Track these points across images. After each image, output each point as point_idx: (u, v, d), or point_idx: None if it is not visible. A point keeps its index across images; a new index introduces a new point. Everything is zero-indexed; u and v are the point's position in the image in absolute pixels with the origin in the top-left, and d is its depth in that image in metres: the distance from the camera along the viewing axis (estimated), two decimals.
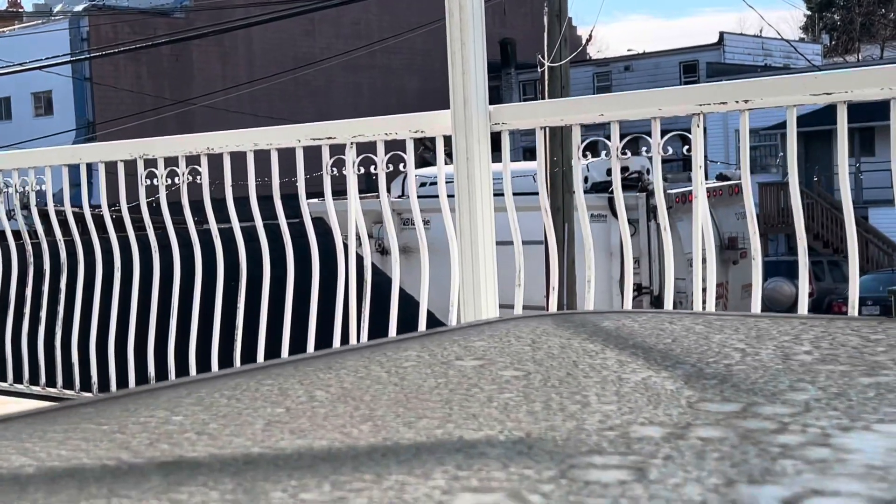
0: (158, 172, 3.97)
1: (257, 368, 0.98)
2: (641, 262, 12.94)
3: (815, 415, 0.73)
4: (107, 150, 4.31)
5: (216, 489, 0.59)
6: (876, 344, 1.01)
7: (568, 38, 11.88)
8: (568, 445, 0.67)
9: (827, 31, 47.41)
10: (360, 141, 3.56)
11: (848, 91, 2.65)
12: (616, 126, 3.05)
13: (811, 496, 0.56)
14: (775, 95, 2.78)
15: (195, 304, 4.03)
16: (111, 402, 0.85)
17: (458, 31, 3.20)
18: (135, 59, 29.98)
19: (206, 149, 3.88)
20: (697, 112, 2.88)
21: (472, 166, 3.22)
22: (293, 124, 4.30)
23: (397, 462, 0.65)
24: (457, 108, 3.22)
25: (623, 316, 1.30)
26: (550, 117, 3.19)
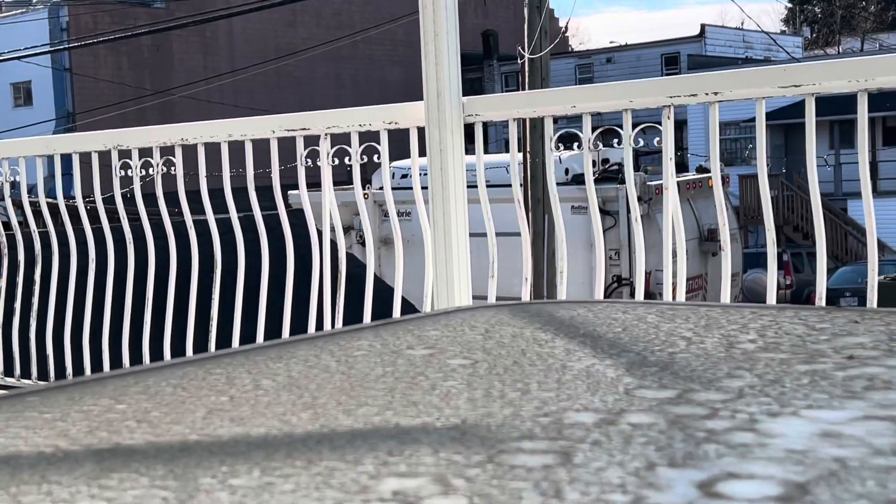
0: (133, 163, 3.96)
1: (208, 358, 0.99)
2: (621, 253, 12.99)
3: (747, 401, 0.74)
4: (80, 141, 4.29)
5: (147, 475, 0.60)
6: (820, 333, 1.03)
7: (548, 30, 11.89)
8: (501, 431, 0.69)
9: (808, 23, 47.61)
10: (335, 132, 3.56)
11: (816, 83, 2.67)
12: (588, 118, 3.07)
13: (726, 479, 0.57)
14: (744, 88, 2.80)
15: (170, 295, 4.03)
16: (57, 390, 0.86)
17: (432, 23, 3.20)
18: (115, 50, 29.81)
19: (181, 139, 3.87)
20: (668, 104, 2.90)
21: (445, 158, 3.23)
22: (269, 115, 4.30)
23: (331, 448, 0.66)
24: (430, 100, 3.22)
25: (578, 305, 1.31)
26: (523, 109, 3.20)
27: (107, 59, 30.08)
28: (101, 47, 27.82)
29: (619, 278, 13.02)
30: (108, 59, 30.13)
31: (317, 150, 3.61)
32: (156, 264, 4.07)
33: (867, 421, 0.68)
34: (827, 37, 45.89)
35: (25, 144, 4.46)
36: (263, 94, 31.27)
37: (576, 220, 10.05)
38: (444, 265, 3.28)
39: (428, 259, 3.32)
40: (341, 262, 3.69)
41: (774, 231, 2.94)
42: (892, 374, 0.82)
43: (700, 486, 0.56)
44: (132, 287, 4.11)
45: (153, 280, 4.06)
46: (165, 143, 3.90)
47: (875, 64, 2.66)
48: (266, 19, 31.15)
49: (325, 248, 3.69)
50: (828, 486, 0.55)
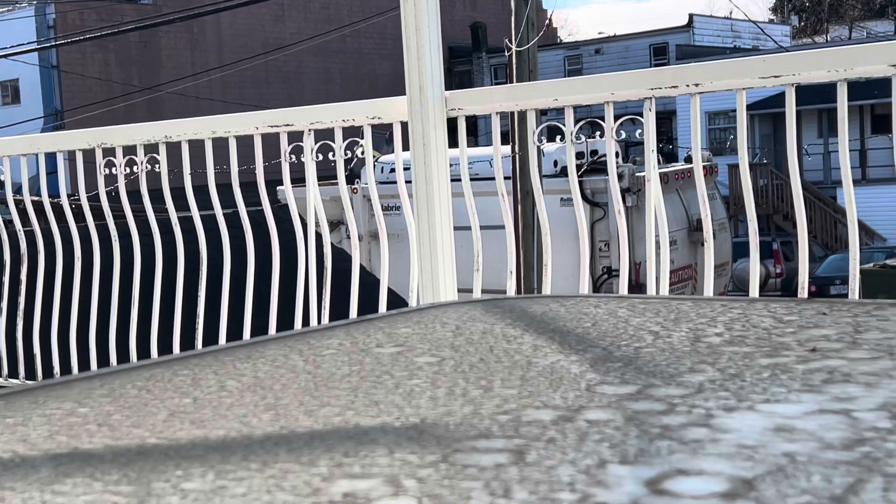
0: (117, 161, 3.95)
1: (175, 359, 0.99)
2: (611, 244, 13.00)
3: (705, 396, 0.75)
4: (64, 140, 4.28)
5: (101, 480, 0.60)
6: (787, 325, 1.03)
7: (535, 22, 11.88)
8: (458, 430, 0.69)
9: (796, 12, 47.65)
10: (318, 128, 3.56)
11: (796, 73, 2.68)
12: (570, 111, 3.07)
13: (675, 476, 0.57)
14: (725, 79, 2.80)
15: (156, 293, 4.03)
16: (22, 394, 0.85)
17: (413, 17, 3.20)
18: (102, 47, 29.69)
19: (165, 137, 3.86)
20: (649, 96, 2.90)
21: (428, 152, 3.23)
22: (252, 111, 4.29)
23: (287, 450, 0.66)
24: (413, 95, 3.22)
25: (552, 300, 1.32)
26: (505, 102, 3.20)
27: (94, 56, 29.97)
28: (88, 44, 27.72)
29: (610, 269, 13.04)
30: (96, 56, 30.02)
31: (301, 145, 3.61)
32: (142, 262, 4.07)
33: (821, 415, 0.68)
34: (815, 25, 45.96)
35: (9, 143, 4.45)
36: (252, 89, 31.20)
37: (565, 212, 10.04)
38: (428, 259, 3.28)
39: (413, 253, 3.32)
40: (326, 258, 3.69)
41: (756, 222, 2.94)
42: (852, 367, 0.82)
43: (648, 483, 0.56)
44: (118, 285, 4.11)
45: (139, 278, 4.06)
46: (149, 140, 3.89)
47: (854, 53, 2.67)
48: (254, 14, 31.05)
49: (310, 244, 3.69)
50: (774, 481, 0.55)
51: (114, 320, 4.12)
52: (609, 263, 13.03)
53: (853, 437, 0.63)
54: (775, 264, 21.19)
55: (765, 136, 27.57)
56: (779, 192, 24.64)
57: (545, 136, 3.98)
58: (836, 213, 23.62)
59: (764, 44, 31.22)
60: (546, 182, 11.64)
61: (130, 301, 4.06)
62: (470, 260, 3.36)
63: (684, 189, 13.36)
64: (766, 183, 25.23)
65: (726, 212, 16.01)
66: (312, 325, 3.63)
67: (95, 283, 4.18)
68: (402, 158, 3.42)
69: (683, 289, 13.22)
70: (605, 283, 13.08)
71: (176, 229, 3.95)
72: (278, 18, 33.18)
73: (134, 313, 4.06)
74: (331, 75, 34.54)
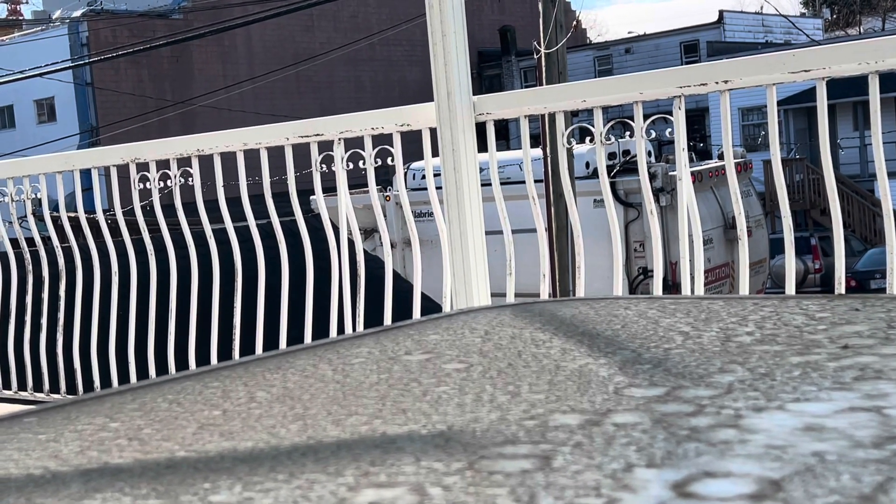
0: (150, 176, 3.99)
1: (206, 371, 0.99)
2: (646, 245, 12.93)
3: (734, 396, 0.74)
4: (98, 156, 4.33)
5: (130, 494, 0.61)
6: (819, 322, 1.02)
7: (563, 24, 11.86)
8: (485, 437, 0.69)
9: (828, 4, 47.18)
10: (348, 136, 3.58)
11: (826, 67, 2.65)
12: (599, 112, 3.06)
13: (702, 478, 0.57)
14: (754, 75, 2.78)
15: (192, 305, 4.06)
16: (55, 410, 0.86)
17: (439, 22, 3.21)
18: (135, 62, 30.01)
19: (197, 150, 3.90)
20: (679, 94, 2.89)
21: (457, 157, 3.23)
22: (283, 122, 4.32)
23: (315, 460, 0.66)
24: (441, 101, 3.23)
25: (581, 303, 1.31)
26: (533, 105, 3.20)
27: (127, 72, 30.31)
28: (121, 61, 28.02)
29: (646, 270, 12.96)
30: (129, 72, 30.36)
31: (332, 154, 3.62)
32: (178, 274, 4.10)
33: (852, 413, 0.68)
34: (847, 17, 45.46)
35: (45, 161, 4.51)
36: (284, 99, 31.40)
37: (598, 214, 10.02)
38: (461, 264, 3.28)
39: (445, 259, 3.32)
40: (360, 266, 3.70)
41: (791, 218, 2.92)
42: (884, 363, 0.81)
43: (674, 486, 0.56)
44: (155, 298, 4.15)
45: (176, 290, 4.10)
46: (182, 154, 3.93)
47: (886, 45, 2.64)
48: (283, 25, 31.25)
49: (343, 251, 3.70)
50: (802, 481, 0.55)
51: (151, 333, 4.16)
52: (645, 264, 12.96)
53: (884, 435, 0.62)
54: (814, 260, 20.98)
55: (799, 131, 27.31)
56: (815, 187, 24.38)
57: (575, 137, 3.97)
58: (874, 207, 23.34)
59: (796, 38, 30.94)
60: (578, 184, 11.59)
61: (168, 314, 4.10)
62: (502, 264, 3.36)
63: (718, 187, 13.26)
64: (802, 178, 24.99)
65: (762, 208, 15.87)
66: (347, 333, 3.64)
67: (133, 297, 4.22)
68: (431, 165, 3.42)
69: (721, 287, 13.12)
70: (642, 283, 13.01)
71: (210, 241, 3.98)
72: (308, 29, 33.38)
73: (171, 326, 4.09)
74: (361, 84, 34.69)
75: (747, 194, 14.72)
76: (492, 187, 3.29)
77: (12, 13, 38.90)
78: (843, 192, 24.22)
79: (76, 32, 29.94)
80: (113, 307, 4.27)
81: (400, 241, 12.48)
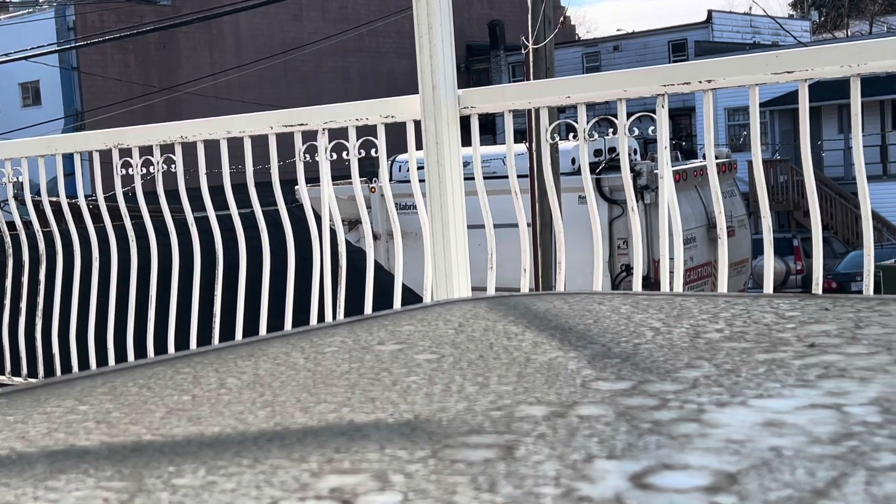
0: (133, 162, 3.98)
1: (178, 357, 0.99)
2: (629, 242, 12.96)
3: (699, 391, 0.75)
4: (82, 141, 4.31)
5: (94, 476, 0.61)
6: (788, 321, 1.03)
7: (552, 20, 11.86)
8: (451, 426, 0.69)
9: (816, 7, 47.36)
10: (332, 127, 3.57)
11: (808, 69, 2.67)
12: (583, 108, 3.07)
13: (660, 470, 0.57)
14: (737, 75, 2.79)
15: (173, 292, 4.05)
16: (24, 392, 0.87)
17: (426, 15, 3.21)
18: (122, 48, 29.86)
19: (180, 137, 3.88)
20: (662, 93, 2.89)
21: (441, 151, 3.23)
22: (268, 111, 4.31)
23: (280, 446, 0.67)
24: (425, 93, 3.23)
25: (556, 297, 1.32)
26: (518, 100, 3.20)
27: (114, 58, 30.14)
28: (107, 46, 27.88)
29: (629, 267, 13.00)
30: (116, 58, 30.19)
31: (315, 145, 3.62)
32: (158, 261, 4.09)
33: (812, 409, 0.68)
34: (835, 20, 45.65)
35: (27, 145, 4.49)
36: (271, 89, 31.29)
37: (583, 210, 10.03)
38: (442, 257, 3.29)
39: (427, 251, 3.33)
40: (341, 256, 3.71)
41: (770, 218, 2.94)
42: (848, 362, 0.82)
43: (632, 477, 0.56)
44: (135, 284, 4.13)
45: (156, 277, 4.08)
46: (165, 141, 3.92)
47: (867, 48, 2.65)
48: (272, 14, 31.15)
49: (324, 242, 3.70)
50: (757, 475, 0.55)
51: (131, 320, 4.15)
52: (627, 261, 12.99)
53: (842, 432, 0.63)
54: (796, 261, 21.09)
55: (785, 132, 27.42)
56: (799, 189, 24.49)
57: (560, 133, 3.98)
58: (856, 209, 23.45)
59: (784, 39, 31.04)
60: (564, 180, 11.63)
61: (147, 300, 4.08)
62: (484, 258, 3.37)
63: (703, 186, 13.30)
64: (787, 179, 25.10)
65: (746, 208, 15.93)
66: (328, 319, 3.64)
67: (113, 283, 4.21)
68: (415, 157, 3.42)
69: (703, 286, 13.17)
70: (624, 280, 13.04)
71: (192, 229, 3.97)
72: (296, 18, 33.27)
73: (151, 312, 4.08)
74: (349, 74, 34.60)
75: (731, 194, 14.78)
76: (474, 181, 3.29)
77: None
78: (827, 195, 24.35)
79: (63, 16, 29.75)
80: (93, 293, 4.26)
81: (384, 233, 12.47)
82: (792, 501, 0.51)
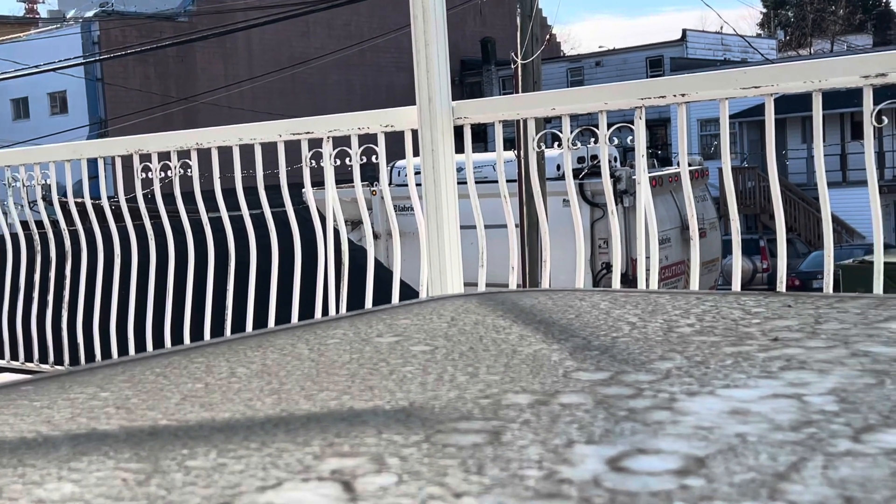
0: (152, 166, 3.97)
1: (192, 347, 0.99)
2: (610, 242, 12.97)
3: (671, 381, 0.75)
4: (104, 146, 4.30)
5: (114, 458, 0.61)
6: (754, 317, 1.03)
7: (539, 37, 11.85)
8: (443, 413, 0.69)
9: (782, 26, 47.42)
10: (336, 135, 3.57)
11: (774, 84, 2.67)
12: (567, 119, 3.07)
13: (635, 454, 0.58)
14: (709, 89, 2.79)
15: (188, 287, 4.04)
16: (50, 380, 0.86)
17: (422, 33, 3.20)
18: (142, 61, 29.78)
19: (196, 144, 3.88)
20: (640, 105, 2.90)
21: (436, 158, 3.23)
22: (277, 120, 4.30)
23: (286, 431, 0.66)
24: (422, 105, 3.23)
25: (541, 294, 1.32)
26: (507, 112, 3.20)
27: (135, 70, 30.07)
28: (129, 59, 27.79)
29: (608, 265, 13.01)
30: (137, 70, 30.12)
31: (321, 151, 3.62)
32: (176, 258, 4.09)
33: (775, 399, 0.69)
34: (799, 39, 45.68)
35: (55, 150, 4.47)
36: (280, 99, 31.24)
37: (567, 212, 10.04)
38: (437, 256, 3.28)
39: (423, 250, 3.32)
40: (344, 254, 3.70)
41: (738, 221, 2.94)
42: (808, 355, 0.82)
43: (609, 461, 0.56)
44: (154, 279, 4.13)
45: (173, 273, 4.08)
46: (182, 147, 3.91)
47: (828, 65, 2.66)
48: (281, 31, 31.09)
49: (329, 241, 3.70)
50: (724, 459, 0.56)
51: (150, 311, 4.15)
52: (608, 259, 13.00)
53: (802, 419, 0.63)
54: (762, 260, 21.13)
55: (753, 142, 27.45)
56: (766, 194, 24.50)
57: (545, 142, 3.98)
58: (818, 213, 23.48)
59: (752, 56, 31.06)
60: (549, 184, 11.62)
61: (165, 293, 4.08)
62: (476, 257, 3.36)
63: (677, 191, 13.30)
64: (754, 185, 25.13)
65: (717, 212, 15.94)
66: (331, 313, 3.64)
67: (133, 278, 4.20)
68: (412, 163, 3.42)
69: (677, 283, 13.19)
70: (605, 277, 13.05)
71: (207, 229, 3.97)
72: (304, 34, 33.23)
73: (168, 305, 4.08)
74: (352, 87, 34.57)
75: (703, 199, 14.79)
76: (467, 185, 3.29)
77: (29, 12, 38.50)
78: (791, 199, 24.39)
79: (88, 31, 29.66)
80: (114, 287, 4.25)
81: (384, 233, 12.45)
82: (755, 484, 0.51)
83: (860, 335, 0.90)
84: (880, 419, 0.62)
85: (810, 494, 0.50)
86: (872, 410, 0.64)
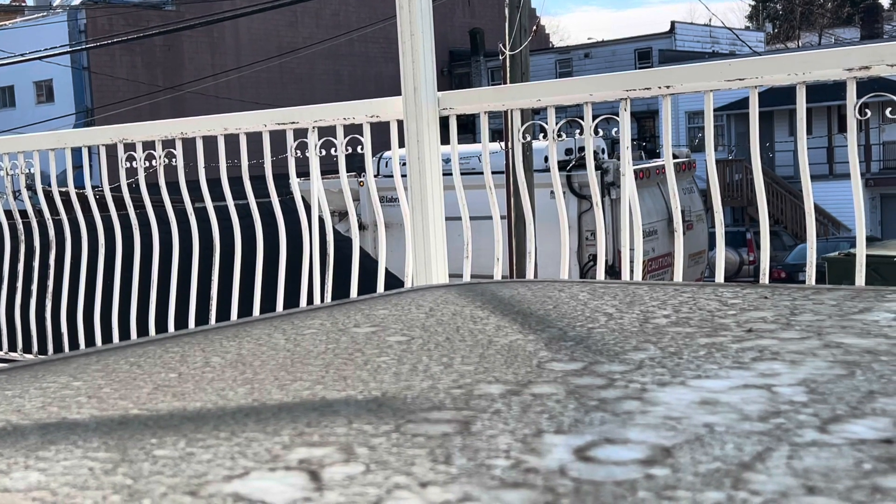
0: (137, 156, 3.95)
1: (168, 337, 0.99)
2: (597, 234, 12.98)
3: (643, 372, 0.75)
4: (89, 135, 4.28)
5: (82, 447, 0.61)
6: (730, 308, 1.04)
7: (527, 28, 11.84)
8: (414, 403, 0.69)
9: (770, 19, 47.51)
10: (322, 125, 3.56)
11: (758, 77, 2.67)
12: (552, 110, 3.07)
13: (602, 444, 0.58)
14: (693, 81, 2.79)
15: (173, 276, 4.03)
16: (23, 369, 0.86)
17: (408, 23, 3.19)
18: (129, 50, 29.62)
19: (181, 133, 3.86)
20: (625, 97, 2.90)
21: (422, 148, 3.22)
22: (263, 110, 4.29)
23: (256, 421, 0.66)
24: (407, 95, 3.22)
25: (521, 285, 1.32)
26: (493, 102, 3.20)
27: (122, 59, 29.90)
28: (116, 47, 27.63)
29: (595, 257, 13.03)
30: (123, 59, 29.95)
31: (306, 142, 3.61)
32: (160, 248, 4.07)
33: (745, 389, 0.69)
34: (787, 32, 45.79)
35: (39, 139, 4.45)
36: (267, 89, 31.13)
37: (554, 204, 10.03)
38: (422, 246, 3.28)
39: (408, 241, 3.32)
40: (329, 245, 3.70)
41: (722, 213, 2.95)
42: (781, 346, 0.83)
43: (576, 451, 0.57)
44: (138, 269, 4.11)
45: (158, 262, 4.06)
46: (167, 136, 3.89)
47: (812, 58, 2.66)
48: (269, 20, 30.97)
49: (314, 231, 3.69)
50: (690, 449, 0.56)
51: (134, 302, 4.13)
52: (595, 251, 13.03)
53: (770, 410, 0.63)
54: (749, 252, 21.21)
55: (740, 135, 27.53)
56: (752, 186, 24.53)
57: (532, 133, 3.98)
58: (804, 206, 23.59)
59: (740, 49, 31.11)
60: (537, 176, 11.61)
61: (150, 283, 4.06)
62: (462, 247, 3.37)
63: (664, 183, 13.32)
64: (741, 177, 25.19)
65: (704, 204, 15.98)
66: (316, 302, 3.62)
67: (118, 267, 4.19)
68: (398, 154, 3.42)
69: (663, 275, 13.22)
70: (591, 269, 13.07)
71: (191, 218, 3.96)
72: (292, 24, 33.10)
73: (153, 295, 4.06)
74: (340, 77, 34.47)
75: (689, 191, 14.83)
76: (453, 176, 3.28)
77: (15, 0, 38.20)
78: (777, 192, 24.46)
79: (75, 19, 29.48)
80: (99, 277, 4.23)
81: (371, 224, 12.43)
82: (719, 474, 0.52)
83: (834, 326, 0.90)
84: (848, 410, 0.62)
85: (773, 484, 0.50)
86: (841, 401, 0.65)
